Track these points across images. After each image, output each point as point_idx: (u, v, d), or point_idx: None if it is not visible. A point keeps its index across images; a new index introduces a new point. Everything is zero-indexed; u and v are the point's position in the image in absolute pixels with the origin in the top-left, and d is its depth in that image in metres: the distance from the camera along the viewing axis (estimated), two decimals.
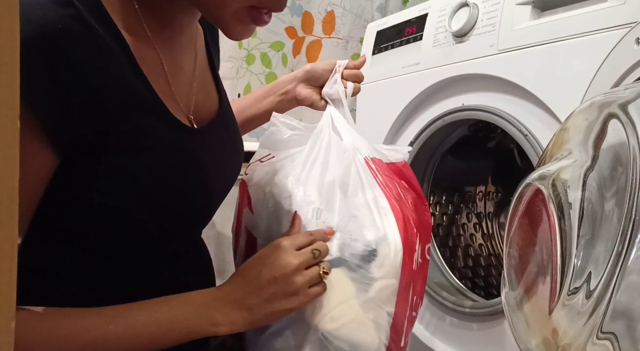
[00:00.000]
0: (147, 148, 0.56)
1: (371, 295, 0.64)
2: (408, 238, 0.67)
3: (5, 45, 0.26)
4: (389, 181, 0.71)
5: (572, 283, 0.52)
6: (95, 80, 0.51)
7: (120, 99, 0.53)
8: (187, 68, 0.66)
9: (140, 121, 0.56)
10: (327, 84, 0.81)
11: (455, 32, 1.04)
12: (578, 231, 0.53)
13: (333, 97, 0.79)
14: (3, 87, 0.25)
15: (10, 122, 0.26)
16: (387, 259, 0.65)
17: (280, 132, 0.76)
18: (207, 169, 0.63)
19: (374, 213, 0.67)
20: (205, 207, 0.67)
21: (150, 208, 0.58)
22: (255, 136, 1.42)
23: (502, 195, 1.40)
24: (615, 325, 0.47)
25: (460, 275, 1.21)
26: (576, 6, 0.86)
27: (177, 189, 0.59)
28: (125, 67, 0.55)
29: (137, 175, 0.56)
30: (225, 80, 1.34)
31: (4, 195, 0.26)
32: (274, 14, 0.59)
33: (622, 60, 0.74)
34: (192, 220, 0.66)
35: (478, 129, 1.23)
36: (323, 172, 0.69)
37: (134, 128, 0.55)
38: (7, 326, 0.26)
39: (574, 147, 0.60)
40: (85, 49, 0.50)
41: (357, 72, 0.83)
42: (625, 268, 0.46)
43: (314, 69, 0.82)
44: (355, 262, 0.64)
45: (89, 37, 0.51)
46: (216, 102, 0.72)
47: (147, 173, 0.56)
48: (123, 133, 0.54)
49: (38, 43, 0.46)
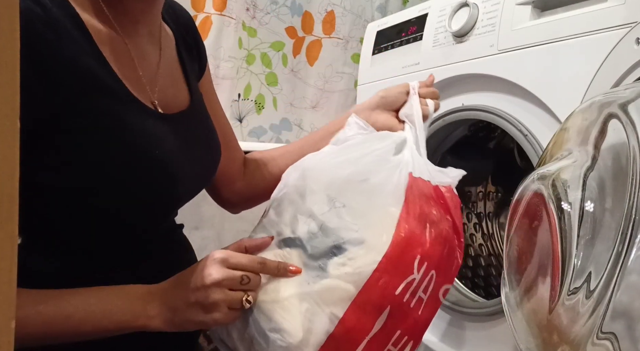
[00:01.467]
0: (103, 127, 0.57)
1: (314, 289, 0.60)
2: (400, 258, 0.61)
3: (5, 45, 0.26)
4: (421, 199, 0.66)
5: (572, 283, 0.52)
6: (46, 57, 0.51)
7: (75, 78, 0.54)
8: (151, 58, 0.68)
9: (96, 101, 0.56)
10: (406, 106, 0.80)
11: (455, 32, 1.04)
12: (578, 231, 0.53)
13: (412, 117, 0.78)
14: (3, 87, 0.25)
15: (10, 122, 0.26)
16: (353, 263, 0.60)
17: (349, 130, 0.75)
18: (171, 153, 0.63)
19: (372, 213, 0.63)
20: (168, 192, 0.65)
21: (109, 190, 0.58)
22: (255, 136, 1.42)
23: (502, 195, 1.40)
24: (615, 325, 0.47)
25: (460, 275, 1.21)
26: (576, 6, 0.86)
27: (136, 169, 0.59)
28: (83, 48, 0.56)
29: (94, 154, 0.56)
30: (225, 80, 1.34)
31: (4, 195, 0.26)
32: (274, 14, 0.61)
33: (622, 60, 0.74)
34: (154, 206, 0.65)
35: (478, 129, 1.23)
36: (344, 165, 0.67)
37: (88, 108, 0.55)
38: (7, 326, 0.27)
39: (574, 147, 0.60)
40: (35, 26, 0.50)
41: (433, 90, 0.84)
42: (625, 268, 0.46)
43: (388, 94, 0.82)
44: (314, 253, 0.61)
45: (42, 16, 0.51)
46: (187, 99, 0.73)
47: (104, 152, 0.56)
48: (77, 112, 0.54)
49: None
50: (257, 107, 1.41)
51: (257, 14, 1.37)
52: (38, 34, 0.51)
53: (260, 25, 1.38)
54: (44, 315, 0.54)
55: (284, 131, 1.47)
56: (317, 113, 1.51)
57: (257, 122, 1.41)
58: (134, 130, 0.60)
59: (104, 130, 0.57)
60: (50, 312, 0.54)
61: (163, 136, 0.63)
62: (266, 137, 1.44)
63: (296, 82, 1.47)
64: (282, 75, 1.44)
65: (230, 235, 1.21)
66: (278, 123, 1.45)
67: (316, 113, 1.51)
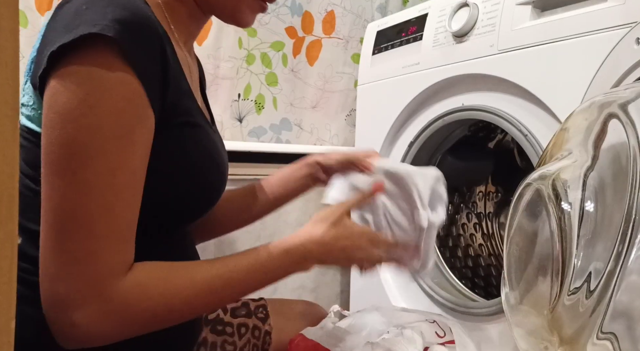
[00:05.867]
0: (196, 124, 0.63)
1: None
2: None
3: (6, 45, 0.25)
4: None
5: (572, 283, 0.52)
6: (166, 59, 0.56)
7: (175, 81, 0.58)
8: (194, 71, 0.73)
9: (187, 103, 0.62)
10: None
11: (455, 32, 1.04)
12: (578, 231, 0.53)
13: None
14: (3, 87, 0.25)
15: (11, 122, 0.26)
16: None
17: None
18: (220, 157, 0.69)
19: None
20: (218, 189, 0.70)
21: (195, 181, 0.63)
22: (255, 136, 1.42)
23: (502, 195, 1.40)
24: (615, 325, 0.47)
25: (460, 275, 1.21)
26: (576, 6, 0.86)
27: (214, 163, 0.66)
28: (174, 58, 0.60)
29: (189, 147, 0.61)
30: (225, 80, 1.34)
31: (4, 195, 0.26)
32: (274, 14, 0.62)
33: (622, 60, 0.74)
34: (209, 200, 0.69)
35: (478, 129, 1.23)
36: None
37: (185, 107, 0.61)
38: (7, 326, 0.26)
39: (574, 147, 0.60)
40: (160, 35, 0.56)
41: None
42: (625, 268, 0.46)
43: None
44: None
45: (162, 32, 0.57)
46: (209, 117, 0.77)
47: (197, 145, 0.63)
48: (178, 110, 0.60)
49: (143, 21, 0.53)
50: (257, 107, 1.41)
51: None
52: (162, 40, 0.56)
53: (260, 25, 1.38)
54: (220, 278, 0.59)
55: (284, 131, 1.46)
56: (317, 113, 1.51)
57: (257, 122, 1.41)
58: (207, 130, 0.66)
59: (196, 127, 0.63)
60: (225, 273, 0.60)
61: (216, 142, 0.69)
62: (266, 137, 1.44)
63: (296, 82, 1.46)
64: (282, 75, 1.44)
65: (230, 236, 1.21)
66: (278, 123, 1.45)
67: (316, 113, 1.51)
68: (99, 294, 0.51)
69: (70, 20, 0.51)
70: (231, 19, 0.70)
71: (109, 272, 0.51)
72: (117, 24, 0.50)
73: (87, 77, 0.50)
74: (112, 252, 0.52)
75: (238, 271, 0.60)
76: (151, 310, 0.54)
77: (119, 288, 0.52)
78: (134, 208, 0.54)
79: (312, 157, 0.87)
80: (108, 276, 0.51)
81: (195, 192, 0.64)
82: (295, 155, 1.43)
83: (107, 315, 0.51)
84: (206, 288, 0.58)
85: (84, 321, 0.50)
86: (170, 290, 0.55)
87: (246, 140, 1.41)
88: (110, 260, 0.51)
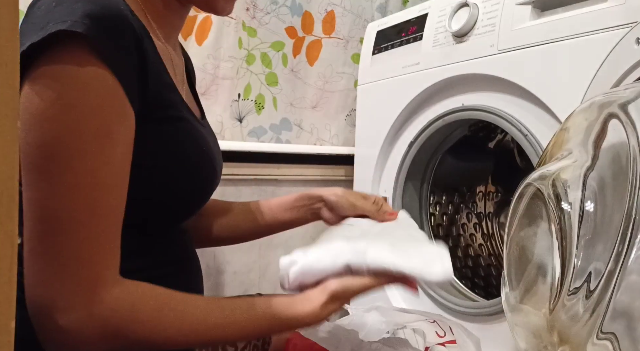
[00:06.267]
0: (181, 118, 0.62)
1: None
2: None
3: (6, 45, 0.25)
4: None
5: (572, 283, 0.52)
6: (143, 52, 0.55)
7: (155, 75, 0.57)
8: (179, 64, 0.72)
9: (171, 97, 0.61)
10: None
11: (455, 32, 1.04)
12: (578, 231, 0.53)
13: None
14: (3, 87, 0.25)
15: (10, 122, 0.26)
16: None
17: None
18: (211, 151, 0.68)
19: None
20: (211, 183, 0.69)
21: (186, 175, 0.62)
22: (255, 136, 1.42)
23: (502, 195, 1.40)
24: (615, 325, 0.47)
25: (460, 275, 1.21)
26: (576, 6, 0.86)
27: (205, 156, 0.65)
28: (153, 51, 0.59)
29: (175, 140, 0.60)
30: (225, 80, 1.34)
31: (4, 195, 0.26)
32: (274, 14, 0.62)
33: (622, 60, 0.74)
34: (202, 194, 0.68)
35: (478, 129, 1.23)
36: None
37: (168, 101, 0.60)
38: (7, 326, 0.26)
39: (574, 147, 0.60)
40: (134, 28, 0.54)
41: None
42: (625, 268, 0.46)
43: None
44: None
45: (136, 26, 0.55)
46: (198, 112, 0.76)
47: (182, 138, 0.61)
48: (161, 104, 0.59)
49: (114, 14, 0.51)
50: (257, 107, 1.41)
51: (257, 14, 1.37)
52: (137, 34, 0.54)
53: (260, 25, 1.38)
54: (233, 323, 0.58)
55: (284, 131, 1.46)
56: (317, 113, 1.51)
57: (257, 122, 1.41)
58: (194, 123, 0.65)
59: (181, 121, 0.62)
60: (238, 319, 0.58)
61: (205, 136, 0.67)
62: (266, 137, 1.44)
63: (296, 82, 1.46)
64: (282, 75, 1.44)
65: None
66: (278, 123, 1.45)
67: (316, 113, 1.51)
68: (86, 297, 0.49)
69: (40, 19, 0.50)
70: (208, 7, 0.68)
71: (95, 275, 0.50)
72: (87, 19, 0.48)
73: (60, 76, 0.49)
74: (98, 254, 0.50)
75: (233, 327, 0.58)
76: (139, 332, 0.52)
77: (107, 292, 0.50)
78: (117, 208, 0.53)
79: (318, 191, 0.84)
80: (95, 279, 0.50)
81: (183, 186, 0.62)
82: (296, 155, 1.44)
83: (94, 319, 0.49)
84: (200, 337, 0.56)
85: (71, 326, 0.49)
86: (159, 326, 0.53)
87: (246, 140, 1.41)
88: (97, 262, 0.50)
